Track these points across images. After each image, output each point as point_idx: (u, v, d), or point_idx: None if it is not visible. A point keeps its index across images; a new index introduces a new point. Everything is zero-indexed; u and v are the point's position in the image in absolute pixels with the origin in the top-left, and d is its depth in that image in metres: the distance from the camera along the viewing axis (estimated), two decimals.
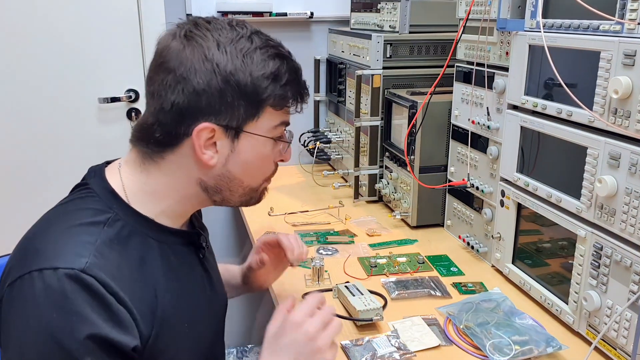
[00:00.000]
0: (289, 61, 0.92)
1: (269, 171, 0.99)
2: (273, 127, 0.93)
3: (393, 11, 1.82)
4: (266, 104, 0.90)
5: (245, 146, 0.91)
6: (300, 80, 0.95)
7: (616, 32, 1.01)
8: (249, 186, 0.97)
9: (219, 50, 0.86)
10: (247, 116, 0.89)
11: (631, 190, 0.98)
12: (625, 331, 1.01)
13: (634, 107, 0.96)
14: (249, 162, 0.93)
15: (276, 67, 0.89)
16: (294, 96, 0.93)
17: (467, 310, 1.21)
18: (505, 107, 1.35)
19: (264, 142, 0.93)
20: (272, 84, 0.89)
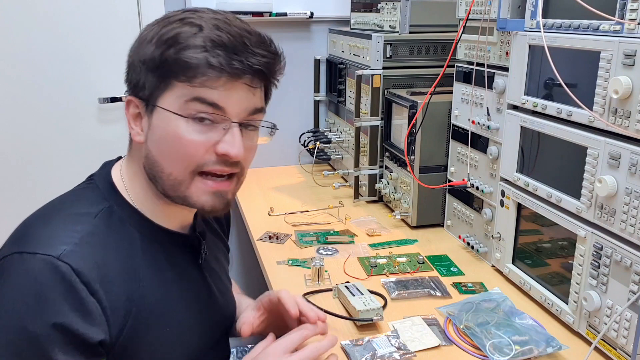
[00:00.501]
0: (204, 29, 0.83)
1: (193, 160, 0.86)
2: (184, 102, 0.84)
3: (393, 11, 1.82)
4: (167, 74, 0.83)
5: (158, 122, 0.86)
6: (215, 51, 0.82)
7: (616, 32, 1.01)
8: (171, 175, 0.87)
9: (150, 26, 0.87)
10: (155, 88, 0.85)
11: (631, 190, 0.98)
12: (625, 331, 1.01)
13: (634, 107, 0.96)
14: (162, 142, 0.86)
15: (176, 32, 0.83)
16: (199, 67, 0.82)
17: (467, 310, 1.21)
18: (505, 107, 1.35)
19: (178, 121, 0.84)
20: (170, 50, 0.82)
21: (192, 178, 0.87)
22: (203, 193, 0.88)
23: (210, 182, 0.88)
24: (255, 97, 0.89)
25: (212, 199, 0.89)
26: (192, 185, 0.87)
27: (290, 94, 2.29)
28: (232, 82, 0.84)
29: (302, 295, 1.28)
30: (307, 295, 1.27)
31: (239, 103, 0.86)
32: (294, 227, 1.69)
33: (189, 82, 0.83)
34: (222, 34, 0.83)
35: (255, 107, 0.89)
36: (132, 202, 0.91)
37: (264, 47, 0.87)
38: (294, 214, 1.79)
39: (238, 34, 0.84)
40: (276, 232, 1.65)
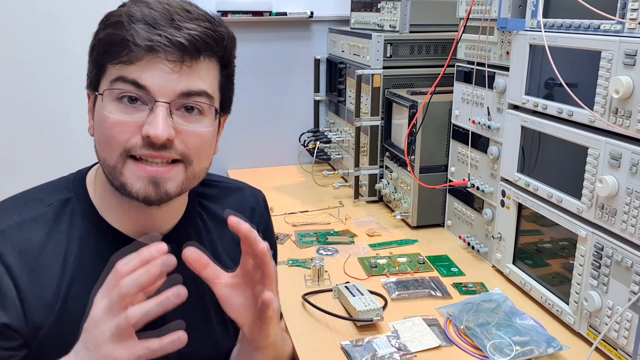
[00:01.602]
0: (126, 6, 0.80)
1: (121, 142, 0.79)
2: (110, 83, 0.80)
3: (393, 11, 1.82)
4: (101, 58, 0.81)
5: (97, 109, 0.83)
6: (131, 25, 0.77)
7: (617, 31, 1.01)
8: (105, 161, 0.82)
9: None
10: (94, 76, 0.83)
11: (632, 191, 0.98)
12: (626, 332, 1.01)
13: (635, 107, 0.96)
14: (97, 128, 0.83)
15: (107, 14, 0.81)
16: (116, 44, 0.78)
17: (467, 311, 1.21)
18: (506, 107, 1.35)
19: (107, 103, 0.80)
20: (99, 32, 0.82)
21: (123, 161, 0.80)
22: (137, 179, 0.80)
23: (144, 165, 0.80)
24: (191, 76, 0.80)
25: (145, 186, 0.80)
26: (125, 169, 0.80)
27: (290, 94, 2.29)
28: (150, 57, 0.77)
29: (302, 295, 1.28)
30: (307, 296, 1.27)
31: (164, 81, 0.78)
32: (293, 227, 1.69)
33: (112, 61, 0.79)
34: (147, 9, 0.78)
35: (189, 89, 0.80)
36: (94, 200, 0.88)
37: (196, 22, 0.79)
38: (293, 214, 1.79)
39: (167, 10, 0.79)
40: (276, 232, 1.65)
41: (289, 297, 1.29)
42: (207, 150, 0.87)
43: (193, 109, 0.82)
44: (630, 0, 0.96)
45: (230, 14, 2.10)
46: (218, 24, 0.83)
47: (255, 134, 2.28)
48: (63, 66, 2.03)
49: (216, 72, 0.85)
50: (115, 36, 0.78)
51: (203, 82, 0.82)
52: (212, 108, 0.85)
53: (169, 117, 0.79)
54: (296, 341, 1.14)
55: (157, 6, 0.79)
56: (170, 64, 0.78)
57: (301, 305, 1.27)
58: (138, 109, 0.79)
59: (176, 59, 0.78)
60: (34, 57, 2.00)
